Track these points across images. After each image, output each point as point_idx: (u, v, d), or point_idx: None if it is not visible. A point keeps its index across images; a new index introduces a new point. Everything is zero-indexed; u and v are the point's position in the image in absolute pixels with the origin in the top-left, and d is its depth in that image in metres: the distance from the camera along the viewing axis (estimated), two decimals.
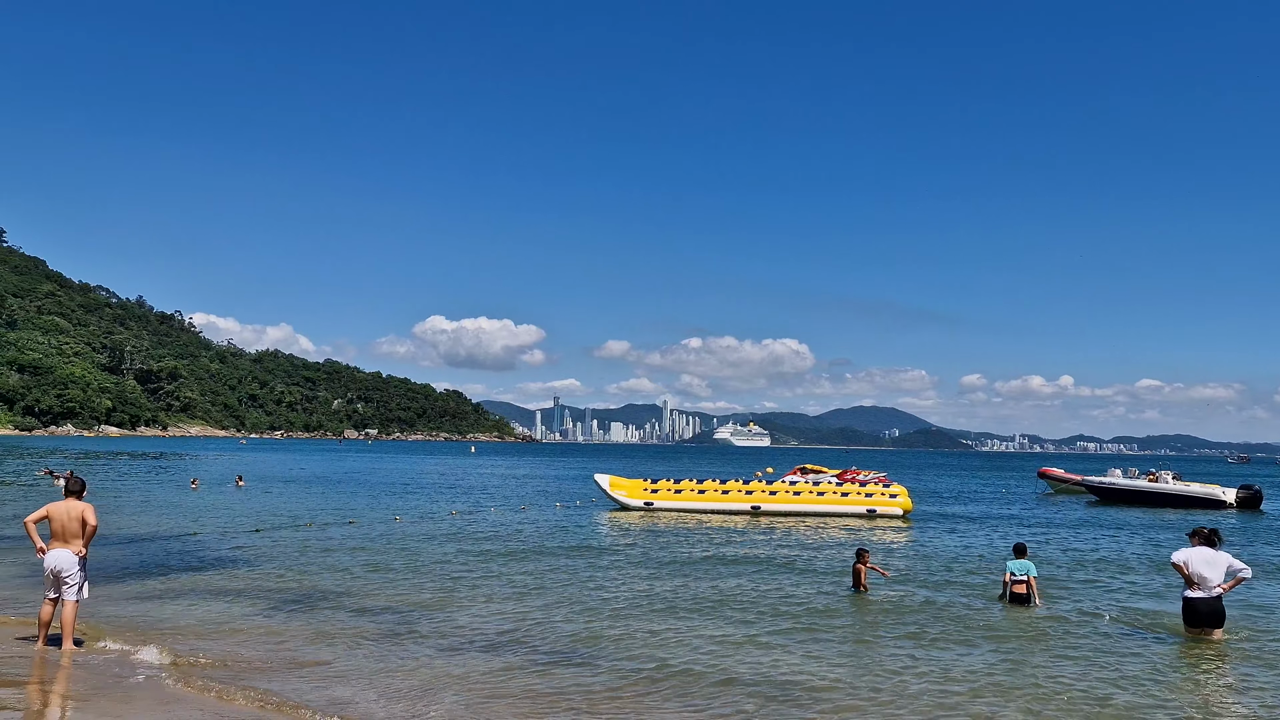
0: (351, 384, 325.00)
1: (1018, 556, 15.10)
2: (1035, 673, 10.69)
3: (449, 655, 11.15)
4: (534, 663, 10.86)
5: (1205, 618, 11.92)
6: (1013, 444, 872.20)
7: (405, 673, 10.33)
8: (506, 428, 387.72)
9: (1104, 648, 12.08)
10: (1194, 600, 11.92)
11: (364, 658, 11.00)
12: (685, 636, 12.39)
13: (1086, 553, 23.34)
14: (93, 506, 10.92)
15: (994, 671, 10.74)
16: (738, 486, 33.40)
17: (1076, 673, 10.76)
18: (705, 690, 9.84)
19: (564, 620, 13.39)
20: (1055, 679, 10.46)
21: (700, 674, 10.46)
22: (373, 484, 49.90)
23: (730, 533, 26.32)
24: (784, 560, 20.44)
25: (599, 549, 22.19)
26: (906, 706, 9.34)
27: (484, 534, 25.03)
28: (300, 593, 15.21)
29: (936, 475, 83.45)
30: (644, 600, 15.14)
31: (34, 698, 9.17)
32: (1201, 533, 12.20)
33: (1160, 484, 44.05)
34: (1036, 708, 9.35)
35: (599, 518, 30.51)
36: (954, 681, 10.29)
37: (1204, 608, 11.88)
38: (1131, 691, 10.06)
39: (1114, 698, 9.80)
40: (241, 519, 27.59)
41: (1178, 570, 12.00)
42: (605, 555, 20.95)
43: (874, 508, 32.40)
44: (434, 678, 10.13)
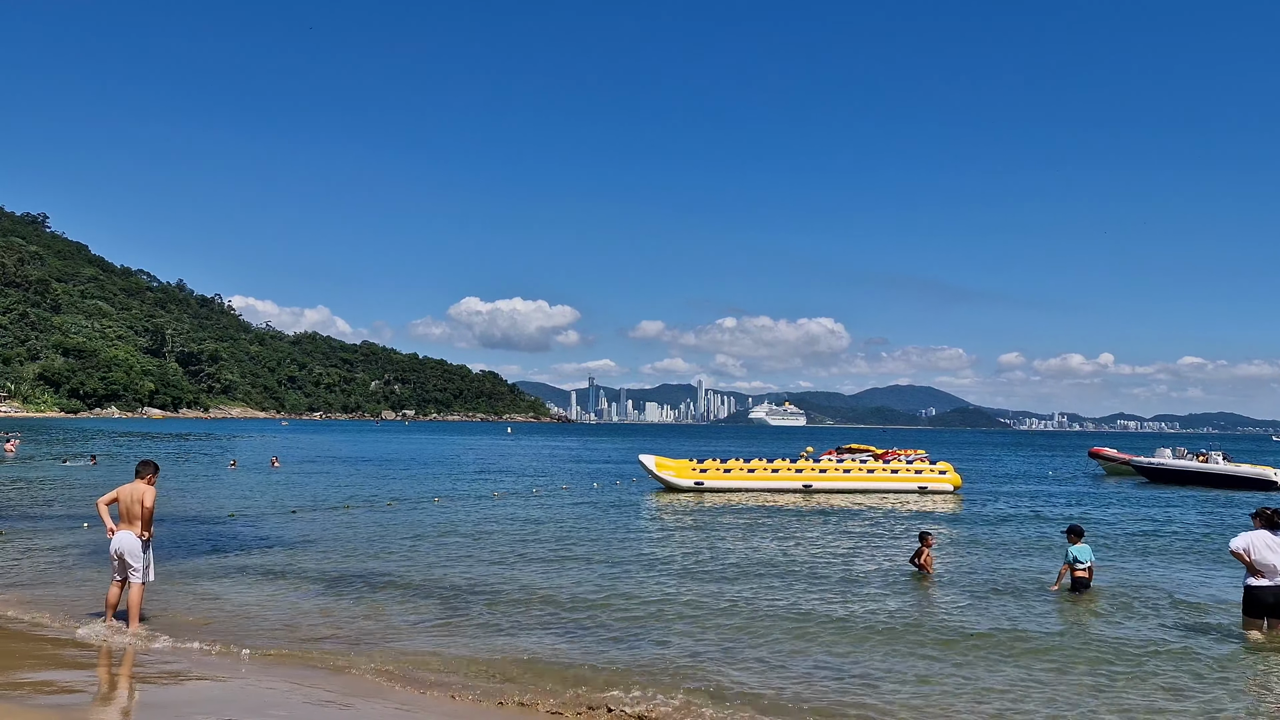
0: (388, 365, 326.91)
1: (1076, 540, 14.23)
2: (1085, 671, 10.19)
3: (511, 637, 10.88)
4: (611, 647, 10.55)
5: (1272, 607, 10.85)
6: (1051, 423, 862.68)
7: (474, 658, 10.07)
8: (542, 408, 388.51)
9: (1163, 645, 11.30)
10: (1259, 589, 10.87)
11: (423, 642, 10.74)
12: (740, 614, 12.11)
13: (1143, 535, 22.82)
14: (154, 490, 10.94)
15: (1053, 678, 10.33)
16: (786, 465, 33.15)
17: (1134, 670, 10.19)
18: (770, 666, 9.58)
19: (635, 602, 13.07)
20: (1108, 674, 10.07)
21: (754, 654, 10.20)
22: (411, 465, 49.91)
23: (787, 512, 25.95)
24: (844, 541, 20.11)
25: (652, 529, 21.91)
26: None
27: (528, 516, 24.74)
28: (342, 576, 14.90)
29: (978, 454, 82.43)
30: (698, 577, 14.83)
31: (101, 679, 9.18)
32: (1264, 514, 11.01)
33: (1210, 464, 43.21)
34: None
35: (647, 498, 30.28)
36: (992, 690, 9.69)
37: (1270, 596, 10.82)
38: (1194, 697, 9.42)
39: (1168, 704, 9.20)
40: (280, 501, 27.44)
41: (1238, 558, 10.94)
42: (660, 535, 20.64)
43: (925, 484, 32.17)
44: (500, 663, 9.86)
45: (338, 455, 58.88)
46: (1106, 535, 22.15)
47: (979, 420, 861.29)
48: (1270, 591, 10.84)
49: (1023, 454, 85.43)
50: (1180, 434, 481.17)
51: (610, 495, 31.37)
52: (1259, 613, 10.96)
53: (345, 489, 32.41)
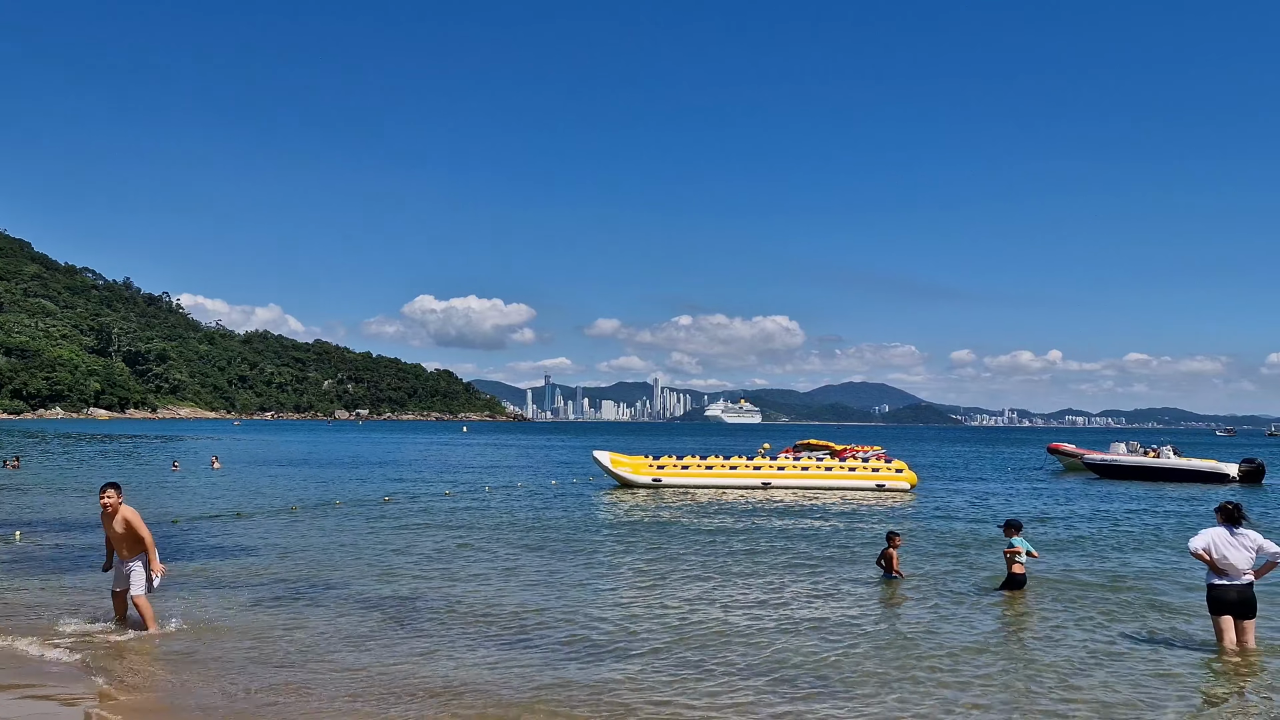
0: (341, 364, 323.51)
1: (1013, 534, 14.12)
2: (1045, 670, 10.03)
3: (456, 644, 10.30)
4: (554, 652, 10.01)
5: (1235, 606, 10.55)
6: (1002, 418, 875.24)
7: (415, 667, 9.51)
8: (498, 407, 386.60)
9: (1125, 645, 11.40)
10: (1221, 588, 10.58)
11: (366, 653, 10.12)
12: (712, 616, 11.77)
13: (1096, 531, 22.88)
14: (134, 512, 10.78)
15: (1004, 670, 10.15)
16: (744, 462, 32.94)
17: (1081, 665, 10.12)
18: (742, 669, 9.18)
19: (588, 603, 12.60)
20: (1065, 679, 9.87)
21: (729, 654, 9.84)
22: (363, 465, 49.01)
23: (745, 510, 25.61)
24: (806, 538, 19.85)
25: (610, 526, 21.38)
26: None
27: (482, 514, 24.13)
28: (287, 582, 14.27)
29: (932, 450, 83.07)
30: (662, 579, 14.45)
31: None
32: (1225, 509, 10.80)
33: (1162, 459, 43.70)
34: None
35: (603, 495, 29.85)
36: (963, 681, 9.61)
37: (1233, 594, 10.52)
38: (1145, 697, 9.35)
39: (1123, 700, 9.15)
40: (225, 504, 26.49)
41: (1200, 558, 10.60)
42: (618, 533, 20.10)
43: (882, 482, 32.13)
44: (442, 671, 9.29)
45: (289, 456, 57.77)
46: (1063, 531, 22.20)
47: (931, 417, 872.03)
48: (1233, 589, 10.60)
49: (975, 450, 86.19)
50: (1126, 429, 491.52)
51: (568, 493, 30.90)
52: (1224, 611, 10.75)
53: (293, 490, 31.54)
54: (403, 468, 46.94)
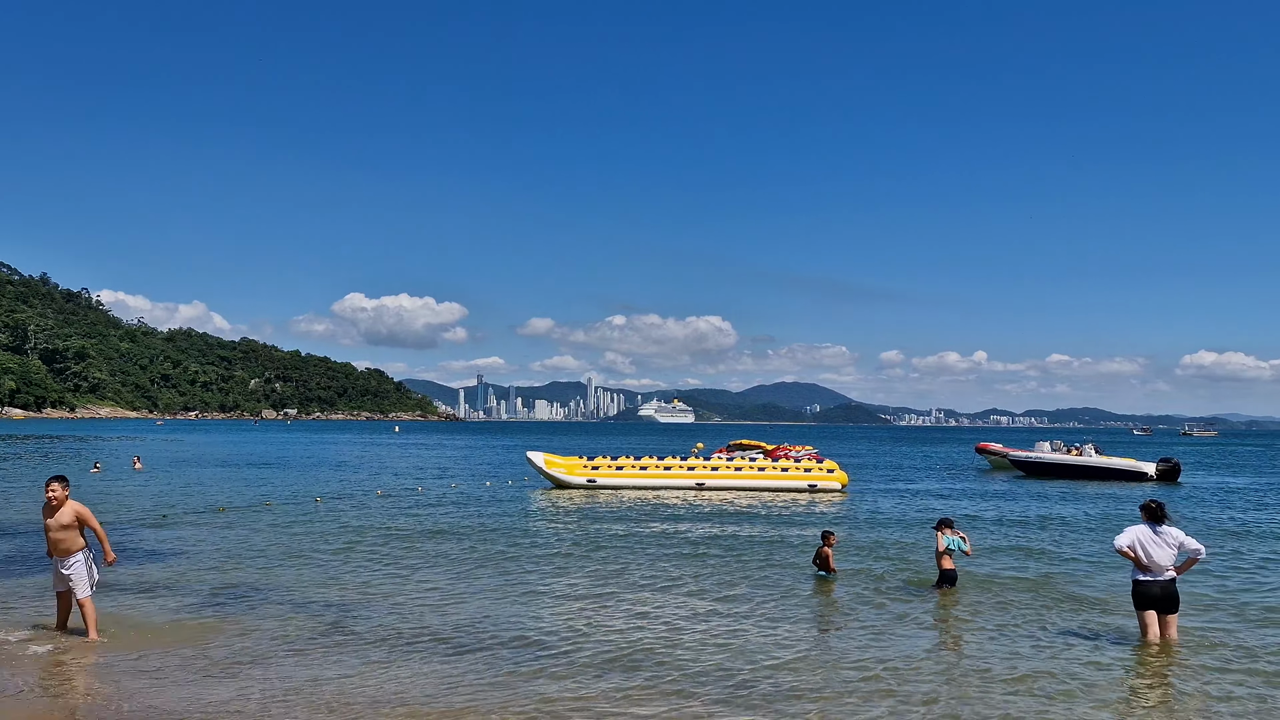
0: (269, 363, 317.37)
1: (945, 532, 14.45)
2: (972, 662, 10.30)
3: (390, 650, 10.17)
4: (492, 656, 9.96)
5: (1159, 601, 10.87)
6: (929, 418, 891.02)
7: (358, 676, 9.36)
8: (430, 406, 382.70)
9: (1054, 641, 11.70)
10: (1146, 583, 10.89)
11: (298, 662, 9.95)
12: (655, 622, 11.77)
13: (1023, 528, 23.39)
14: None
15: (940, 662, 10.37)
16: (678, 463, 33.00)
17: (1016, 665, 10.34)
18: (684, 679, 9.15)
19: (517, 608, 12.48)
20: (992, 669, 10.11)
21: (673, 662, 9.83)
22: (293, 465, 48.11)
23: (681, 511, 25.68)
24: (739, 538, 19.97)
25: (543, 527, 21.28)
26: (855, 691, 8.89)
27: (414, 515, 23.84)
28: (220, 588, 13.93)
29: (864, 450, 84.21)
30: (603, 583, 14.42)
31: None
32: (1149, 507, 11.01)
33: (1085, 458, 44.82)
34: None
35: (537, 496, 29.68)
36: (897, 673, 9.82)
37: (1157, 590, 10.83)
38: (1079, 689, 9.62)
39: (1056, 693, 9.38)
40: (150, 506, 25.80)
41: (1125, 555, 10.88)
42: (551, 535, 20.01)
43: (814, 482, 32.45)
44: (375, 678, 9.16)
45: (215, 456, 56.42)
46: (992, 528, 22.65)
47: (861, 416, 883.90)
48: (1157, 585, 10.90)
49: (905, 449, 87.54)
50: (1049, 428, 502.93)
51: (501, 495, 30.65)
52: (1148, 606, 11.04)
53: (221, 491, 30.80)
54: (334, 468, 46.18)
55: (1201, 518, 26.39)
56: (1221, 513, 28.22)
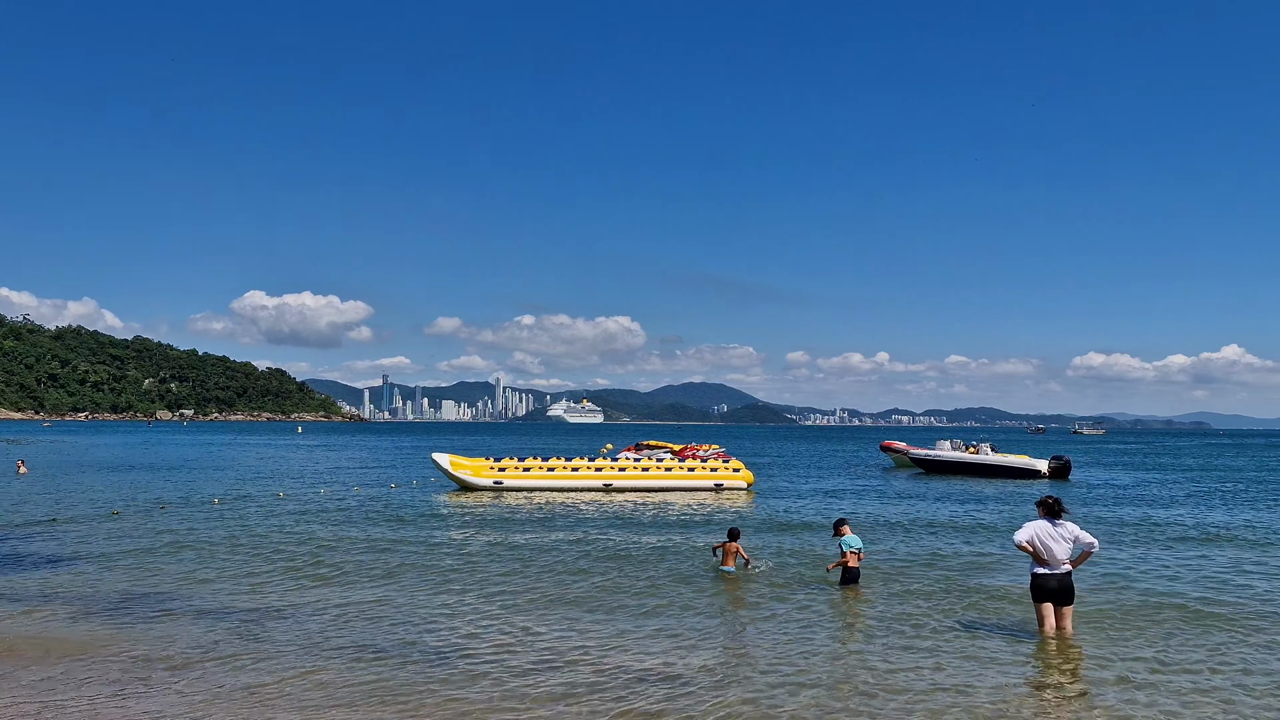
0: (164, 362, 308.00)
1: (843, 531, 14.82)
2: (870, 658, 10.52)
3: (299, 658, 9.93)
4: (392, 663, 9.80)
5: (1055, 594, 11.29)
6: (833, 418, 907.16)
7: (261, 686, 9.10)
8: (333, 407, 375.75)
9: (951, 633, 12.04)
10: (1043, 576, 11.30)
11: (210, 669, 9.64)
12: (559, 629, 11.69)
13: (924, 524, 23.92)
14: None
15: (835, 659, 10.55)
16: (586, 464, 32.88)
17: (912, 659, 10.59)
18: (588, 685, 9.15)
19: (420, 616, 12.30)
20: (893, 666, 10.32)
21: (580, 666, 9.78)
22: (190, 468, 46.57)
23: (584, 511, 25.64)
24: (646, 538, 19.96)
25: (447, 531, 21.00)
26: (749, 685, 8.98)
27: (315, 518, 23.32)
28: (117, 595, 13.43)
29: (772, 449, 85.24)
30: (508, 589, 14.32)
31: None
32: (1046, 503, 11.45)
33: (981, 455, 46.12)
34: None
35: (442, 498, 29.25)
36: (797, 667, 9.99)
37: (1054, 583, 11.24)
38: (980, 680, 9.90)
39: (960, 684, 9.63)
40: (36, 510, 24.74)
41: (1024, 550, 11.25)
42: (456, 539, 19.76)
43: (720, 482, 32.70)
44: (291, 690, 8.93)
45: (106, 459, 54.28)
46: (894, 525, 23.12)
47: (767, 416, 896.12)
48: (1054, 578, 11.26)
49: (810, 448, 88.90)
50: (948, 427, 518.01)
51: (405, 496, 30.15)
52: (1045, 598, 11.39)
53: (113, 495, 29.59)
54: (233, 470, 44.81)
55: (1091, 512, 27.37)
56: (1109, 507, 29.31)
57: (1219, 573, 16.35)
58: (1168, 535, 21.92)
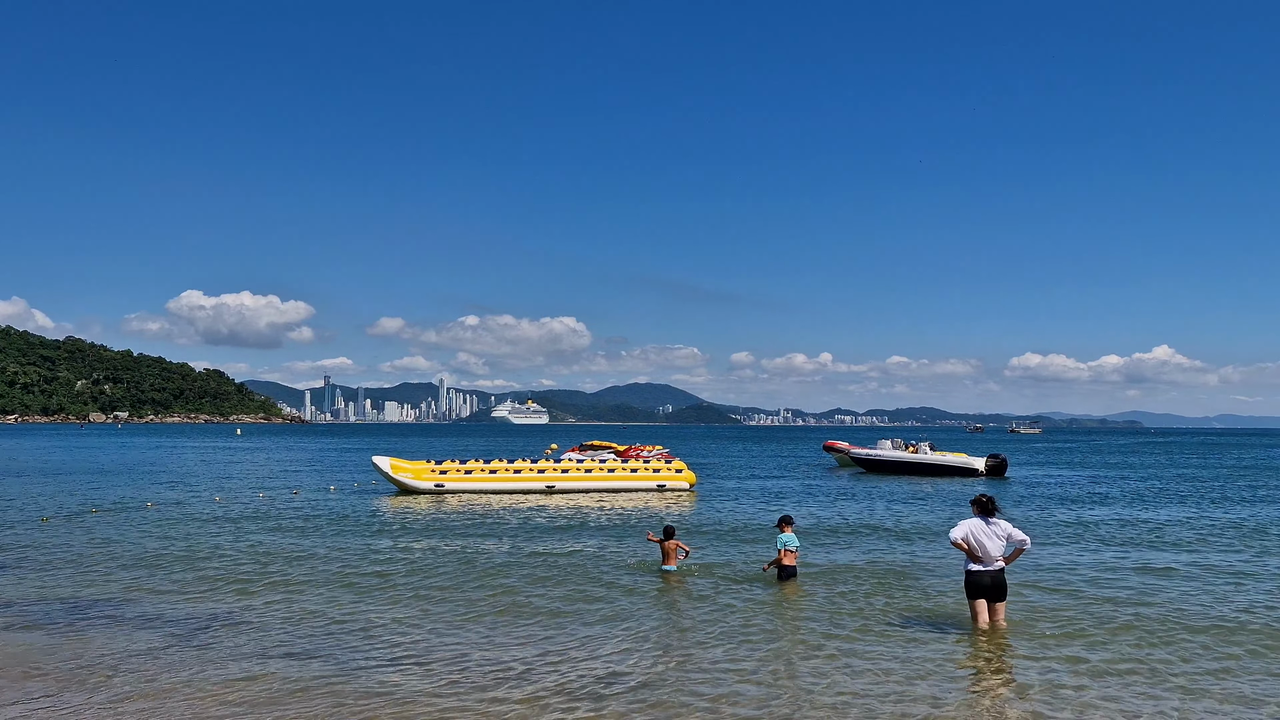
0: (97, 363, 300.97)
1: (784, 529, 15.09)
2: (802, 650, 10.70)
3: (232, 667, 9.75)
4: (337, 670, 9.70)
5: (989, 590, 11.53)
6: (777, 418, 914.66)
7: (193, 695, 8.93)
8: (273, 408, 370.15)
9: (875, 625, 12.24)
10: (978, 573, 11.53)
11: (150, 675, 9.43)
12: (499, 634, 11.64)
13: (863, 522, 24.22)
14: None
15: (760, 659, 10.66)
16: (528, 465, 32.76)
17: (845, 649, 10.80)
18: (522, 689, 9.13)
19: (361, 623, 12.15)
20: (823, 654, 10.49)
21: (523, 674, 9.74)
22: (124, 471, 45.57)
23: (526, 513, 25.53)
24: (588, 539, 19.96)
25: (386, 537, 20.77)
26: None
27: (253, 524, 22.95)
28: (52, 601, 13.10)
29: (716, 449, 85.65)
30: (451, 592, 14.23)
31: None
32: (980, 501, 11.68)
33: (920, 455, 46.79)
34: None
35: (382, 502, 28.96)
36: (720, 664, 10.10)
37: (987, 579, 11.49)
38: (912, 676, 10.08)
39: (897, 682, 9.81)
40: None
41: (959, 547, 11.48)
42: (394, 545, 19.54)
43: (663, 482, 32.81)
44: (217, 695, 8.78)
45: (35, 463, 52.88)
46: (834, 522, 23.37)
47: (712, 416, 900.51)
48: (988, 575, 11.50)
49: (754, 448, 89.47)
50: (890, 427, 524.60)
51: (345, 499, 29.80)
52: (979, 595, 11.62)
53: (42, 500, 28.82)
54: (168, 474, 43.89)
55: (1026, 509, 27.93)
56: (1043, 504, 29.92)
57: (1147, 570, 16.74)
58: (1099, 532, 22.42)
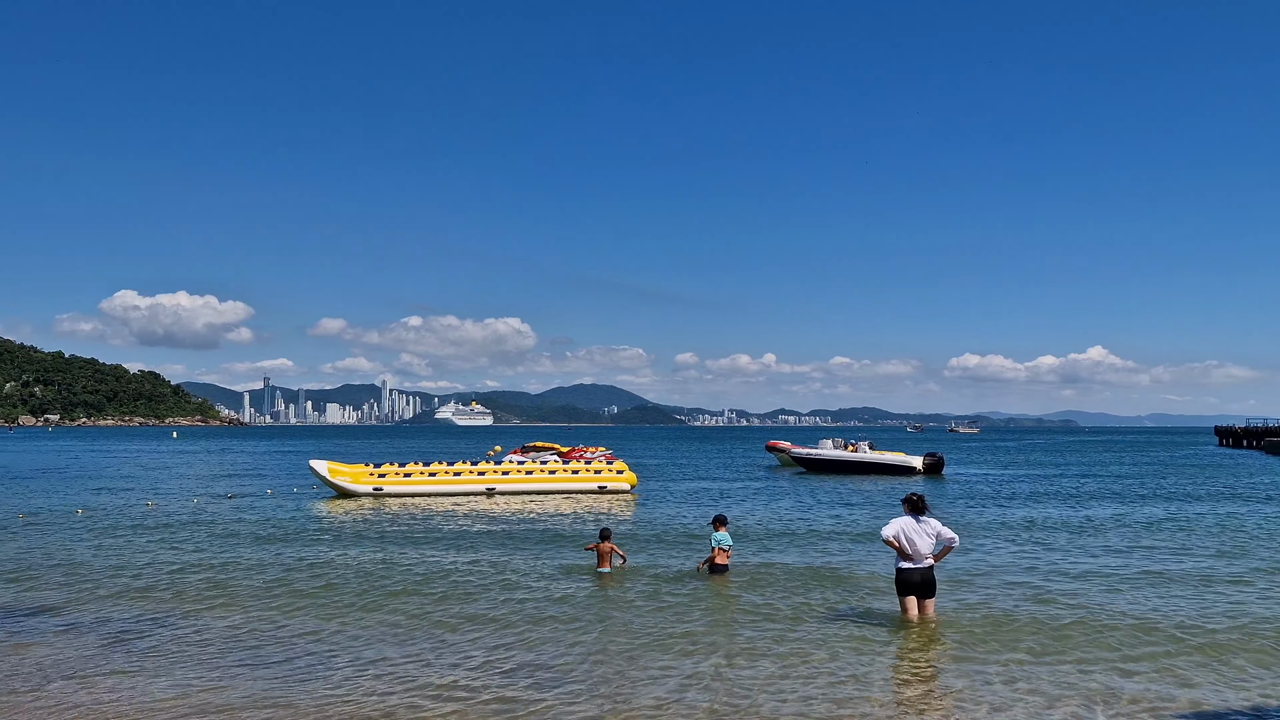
0: (27, 365, 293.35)
1: (718, 528, 15.41)
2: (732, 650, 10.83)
3: (167, 679, 9.63)
4: (266, 683, 9.60)
5: (918, 587, 11.79)
6: (722, 418, 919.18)
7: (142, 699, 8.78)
8: (211, 411, 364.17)
9: (807, 622, 12.41)
10: (907, 570, 11.78)
11: (90, 682, 9.25)
12: (443, 649, 11.60)
13: (801, 522, 24.44)
14: None
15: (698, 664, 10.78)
16: (468, 468, 32.58)
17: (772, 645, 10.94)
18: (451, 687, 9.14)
19: (290, 632, 12.00)
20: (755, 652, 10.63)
21: (446, 684, 9.74)
22: (53, 475, 44.50)
23: (464, 516, 25.38)
24: (527, 542, 19.92)
25: (325, 540, 20.56)
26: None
27: (185, 530, 22.57)
28: None
29: (662, 450, 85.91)
30: (385, 598, 14.14)
31: None
32: (910, 500, 11.93)
33: (859, 454, 47.43)
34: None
35: (320, 506, 28.61)
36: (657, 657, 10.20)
37: (917, 577, 11.74)
38: (841, 671, 10.27)
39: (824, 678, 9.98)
40: None
41: (890, 545, 11.77)
42: (329, 552, 19.31)
43: (604, 484, 32.83)
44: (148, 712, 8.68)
45: None
46: (769, 521, 23.60)
47: (657, 417, 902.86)
48: (917, 572, 11.74)
49: (698, 448, 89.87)
50: (832, 427, 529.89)
51: (282, 504, 29.39)
52: (909, 592, 11.86)
53: None
54: (100, 478, 42.93)
55: (961, 507, 28.46)
56: (978, 501, 30.50)
57: (1076, 567, 17.12)
58: (1030, 530, 22.88)
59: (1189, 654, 10.58)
